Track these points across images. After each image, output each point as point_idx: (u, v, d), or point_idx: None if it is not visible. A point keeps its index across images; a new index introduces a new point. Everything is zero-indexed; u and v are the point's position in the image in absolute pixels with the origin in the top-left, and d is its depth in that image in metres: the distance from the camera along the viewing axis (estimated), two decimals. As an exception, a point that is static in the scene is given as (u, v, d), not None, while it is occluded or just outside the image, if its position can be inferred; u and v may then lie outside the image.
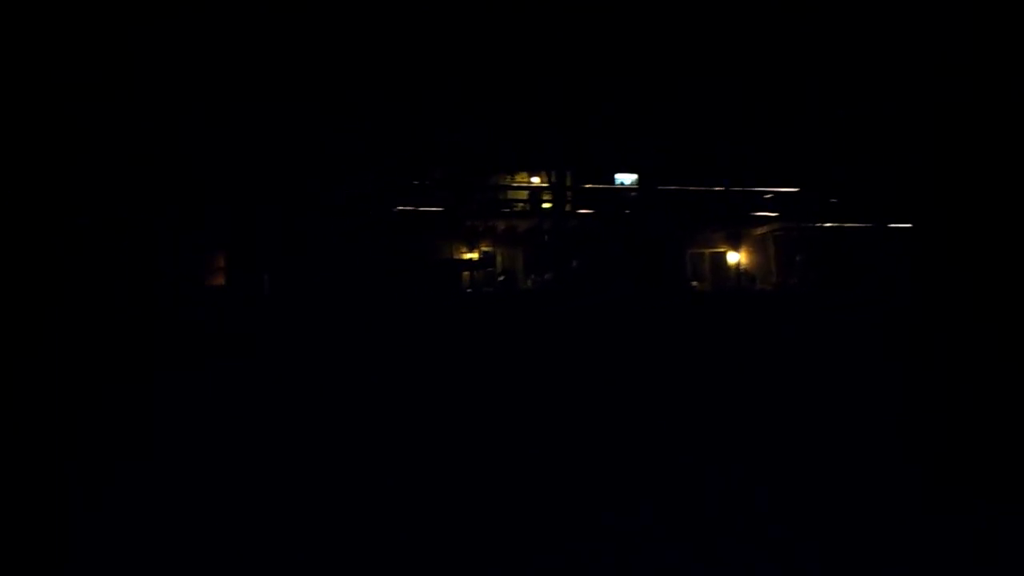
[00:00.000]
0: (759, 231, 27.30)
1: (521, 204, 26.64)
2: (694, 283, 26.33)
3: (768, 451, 6.00)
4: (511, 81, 23.13)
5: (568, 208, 25.87)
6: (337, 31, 21.38)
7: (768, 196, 26.99)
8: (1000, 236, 13.58)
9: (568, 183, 26.05)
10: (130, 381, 8.79)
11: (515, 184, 26.95)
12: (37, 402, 6.68)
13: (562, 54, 23.09)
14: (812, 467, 5.53)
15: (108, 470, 5.40)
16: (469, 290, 24.98)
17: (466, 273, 25.52)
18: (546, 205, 26.43)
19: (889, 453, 5.94)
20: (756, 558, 3.93)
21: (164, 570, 3.91)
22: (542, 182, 26.73)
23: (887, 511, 4.60)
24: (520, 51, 22.94)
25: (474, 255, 25.72)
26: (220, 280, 23.55)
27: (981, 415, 6.87)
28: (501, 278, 25.66)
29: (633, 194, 27.05)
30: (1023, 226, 13.40)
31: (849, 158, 24.67)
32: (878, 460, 5.74)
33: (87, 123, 19.57)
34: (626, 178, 27.26)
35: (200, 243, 21.01)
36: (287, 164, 21.94)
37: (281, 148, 21.68)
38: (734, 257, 27.11)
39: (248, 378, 9.92)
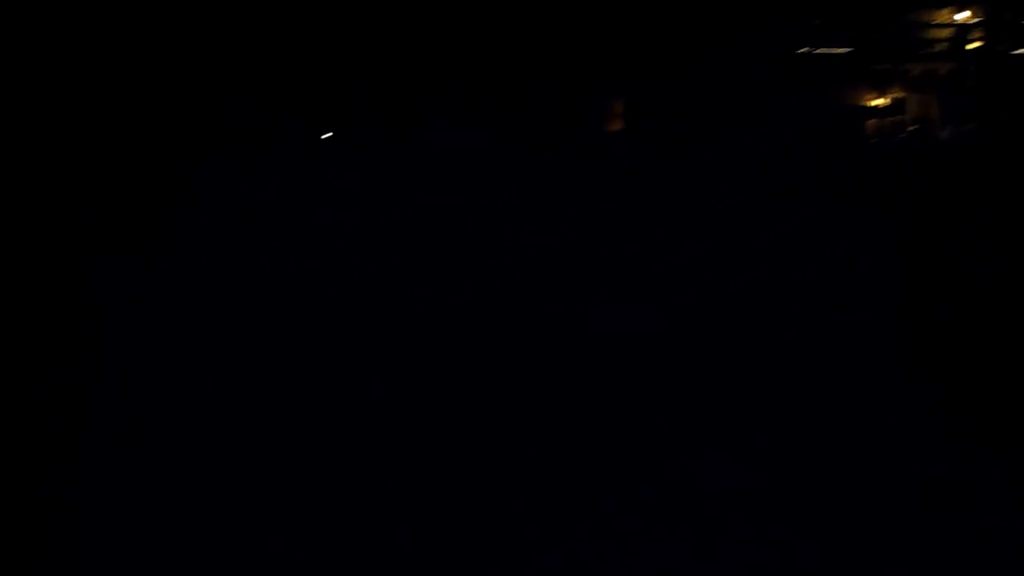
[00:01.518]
0: None
1: (943, 44, 23.75)
2: None
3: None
4: None
5: (1004, 47, 22.57)
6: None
7: None
8: None
9: (1009, 17, 22.61)
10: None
11: (937, 22, 23.93)
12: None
13: None
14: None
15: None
16: (874, 140, 23.30)
17: (871, 121, 23.75)
18: (973, 45, 23.27)
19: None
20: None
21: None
22: (972, 17, 23.41)
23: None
24: None
25: (882, 102, 23.71)
26: (617, 125, 23.92)
27: None
28: (912, 128, 23.50)
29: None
30: None
31: None
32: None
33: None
34: (1084, 9, 23.05)
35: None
36: None
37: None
38: None
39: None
